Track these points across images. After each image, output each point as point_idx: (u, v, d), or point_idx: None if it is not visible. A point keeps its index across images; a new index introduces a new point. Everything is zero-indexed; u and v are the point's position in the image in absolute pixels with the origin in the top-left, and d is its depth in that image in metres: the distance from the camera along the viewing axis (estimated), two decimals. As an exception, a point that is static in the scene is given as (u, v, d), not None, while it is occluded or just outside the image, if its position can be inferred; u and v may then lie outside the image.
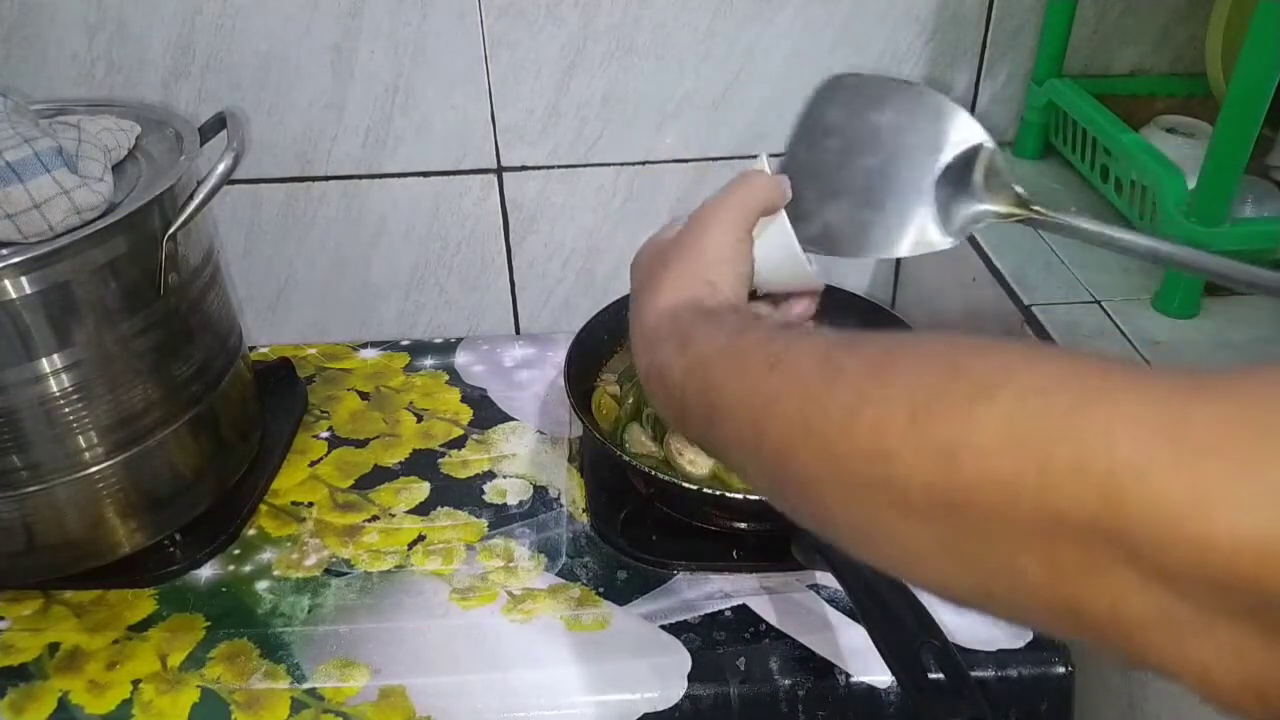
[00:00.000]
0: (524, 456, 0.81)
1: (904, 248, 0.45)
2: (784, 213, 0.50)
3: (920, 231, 0.44)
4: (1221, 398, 0.24)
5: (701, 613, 0.66)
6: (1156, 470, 0.23)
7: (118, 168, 0.64)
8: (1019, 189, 0.43)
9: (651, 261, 0.50)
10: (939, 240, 0.44)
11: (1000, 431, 0.27)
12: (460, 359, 0.93)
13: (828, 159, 0.47)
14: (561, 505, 0.75)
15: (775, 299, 0.56)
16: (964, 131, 0.44)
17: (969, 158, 0.43)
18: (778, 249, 0.51)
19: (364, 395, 0.89)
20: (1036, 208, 0.42)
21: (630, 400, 0.76)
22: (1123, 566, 0.24)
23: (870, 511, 0.31)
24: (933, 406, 0.29)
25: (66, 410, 0.60)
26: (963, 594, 0.30)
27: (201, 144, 0.68)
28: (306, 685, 0.61)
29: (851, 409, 0.31)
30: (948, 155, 0.43)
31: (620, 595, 0.67)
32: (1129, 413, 0.24)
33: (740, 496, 0.66)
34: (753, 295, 0.55)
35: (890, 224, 0.45)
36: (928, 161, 0.44)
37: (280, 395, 0.86)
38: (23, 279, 0.56)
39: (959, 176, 0.43)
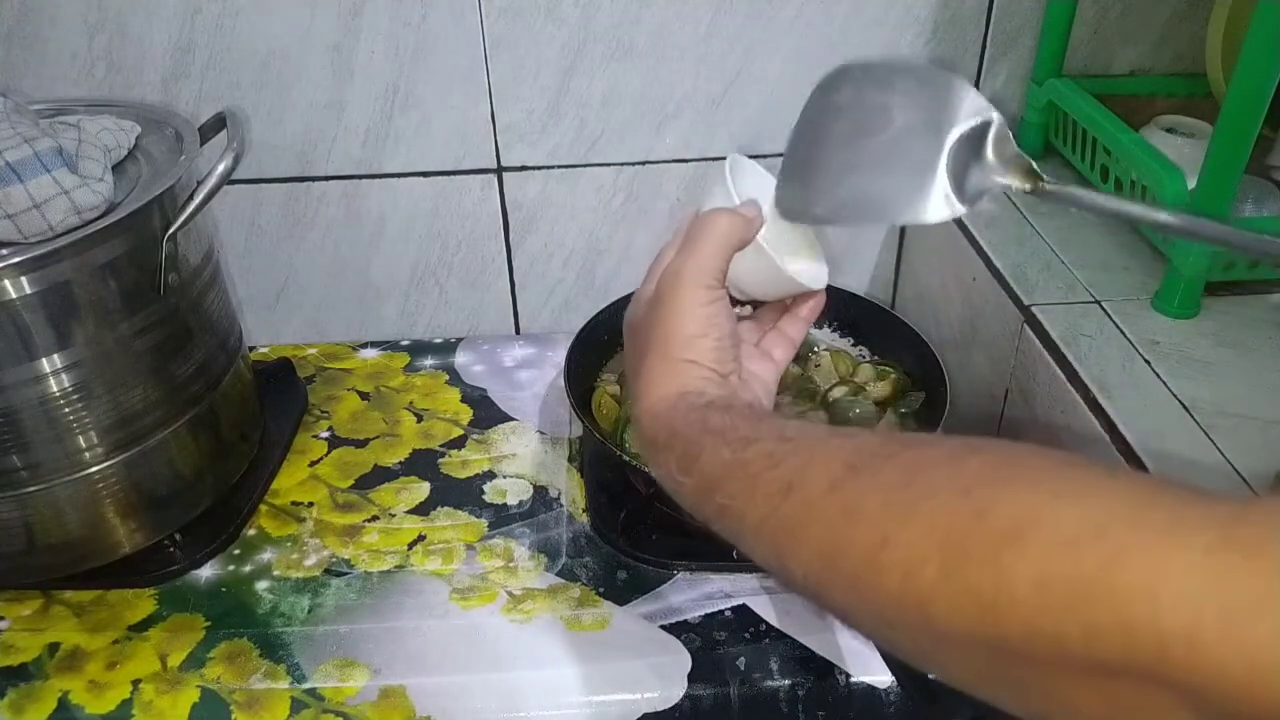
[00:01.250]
0: (524, 456, 0.81)
1: (916, 215, 0.45)
2: (761, 239, 0.49)
3: (933, 199, 0.44)
4: (1259, 549, 0.24)
5: (701, 613, 0.66)
6: (1209, 641, 0.23)
7: (118, 168, 0.64)
8: (1030, 162, 0.43)
9: (633, 343, 0.50)
10: (952, 207, 0.44)
11: (1034, 586, 0.26)
12: (460, 359, 0.93)
13: (837, 137, 0.47)
14: (561, 505, 0.75)
15: (783, 302, 0.55)
16: (973, 107, 0.44)
17: (979, 133, 0.43)
18: (764, 272, 0.50)
19: (364, 395, 0.89)
20: (1046, 180, 0.43)
21: (630, 400, 0.76)
22: (1183, 710, 0.24)
23: (912, 644, 0.32)
24: (962, 555, 0.28)
25: (66, 410, 0.60)
26: (1016, 712, 0.30)
27: (201, 144, 0.68)
28: (306, 685, 0.61)
29: (876, 550, 0.31)
30: (958, 130, 0.44)
31: (620, 595, 0.67)
32: (1169, 576, 0.24)
33: (740, 496, 0.66)
34: (756, 304, 0.55)
35: (902, 193, 0.45)
36: (938, 135, 0.44)
37: (280, 395, 0.86)
38: (23, 279, 0.56)
39: (970, 150, 0.44)
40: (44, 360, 0.58)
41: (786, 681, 0.61)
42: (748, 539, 0.38)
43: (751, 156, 0.55)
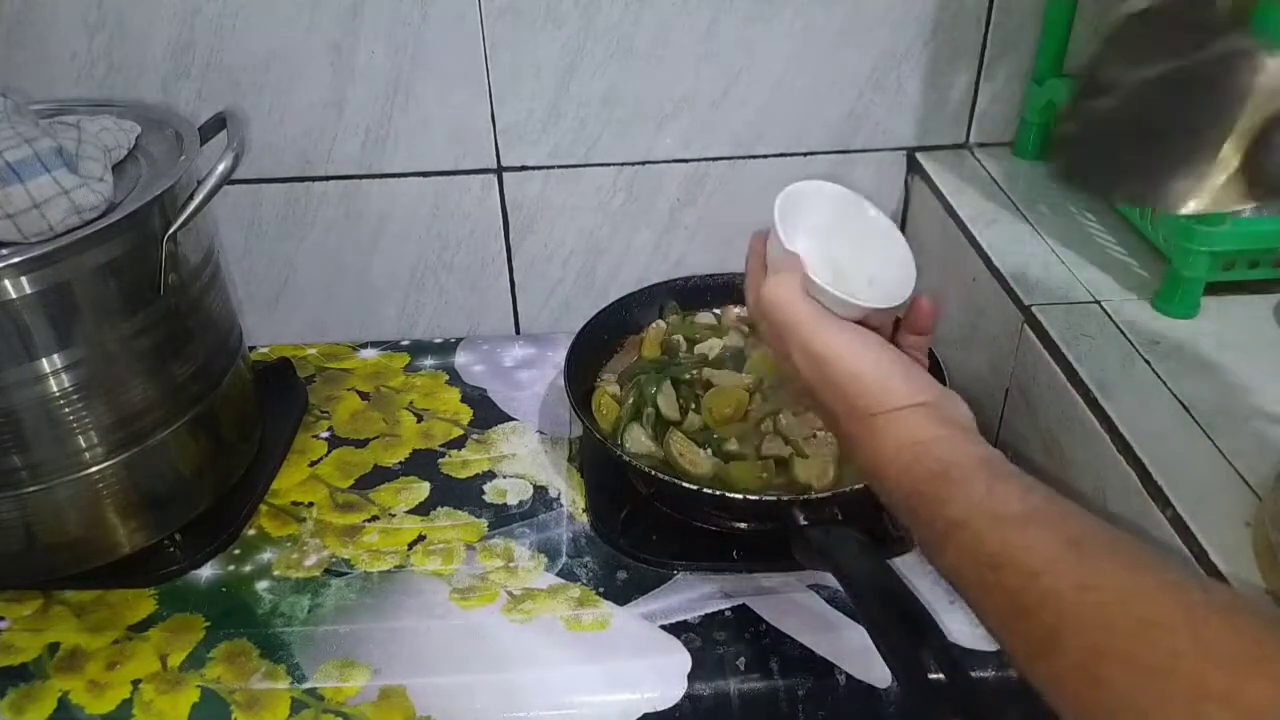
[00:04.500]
0: (524, 456, 0.81)
1: (1186, 204, 0.43)
2: (811, 274, 0.49)
3: (1212, 191, 0.42)
4: None
5: (701, 613, 0.66)
6: None
7: (118, 168, 0.64)
8: None
9: (820, 386, 0.49)
10: (1234, 204, 0.42)
11: None
12: (460, 359, 0.93)
13: (1120, 93, 0.44)
14: (561, 505, 0.75)
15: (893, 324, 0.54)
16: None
17: None
18: (831, 304, 0.50)
19: (364, 395, 0.89)
20: None
21: (630, 400, 0.76)
22: None
23: None
24: None
25: (66, 410, 0.60)
26: None
27: (201, 144, 0.68)
28: (306, 685, 0.61)
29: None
30: (1258, 118, 0.40)
31: (620, 595, 0.67)
32: None
33: (740, 497, 0.66)
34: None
35: (1179, 173, 0.42)
36: (1231, 118, 0.40)
37: (280, 395, 0.86)
38: (23, 279, 0.56)
39: (1270, 145, 0.40)
40: (44, 360, 0.58)
41: (786, 681, 0.61)
42: (1010, 657, 0.39)
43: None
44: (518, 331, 1.01)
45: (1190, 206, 0.42)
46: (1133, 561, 0.36)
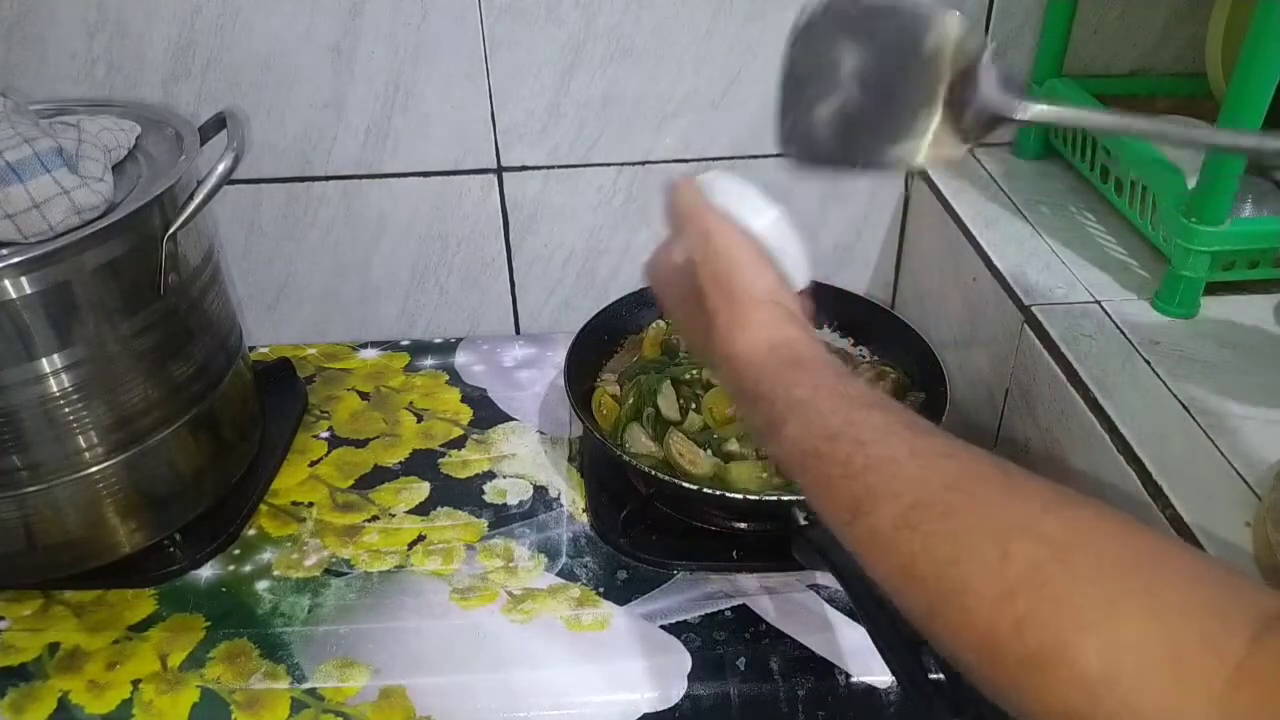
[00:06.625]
0: (524, 456, 0.81)
1: (915, 159, 0.46)
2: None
3: (931, 142, 0.45)
4: (1269, 699, 0.27)
5: (701, 613, 0.66)
6: None
7: (118, 168, 0.64)
8: (1025, 96, 0.43)
9: (676, 292, 0.52)
10: (952, 151, 0.45)
11: (1057, 714, 0.30)
12: (460, 359, 0.93)
13: (829, 83, 0.47)
14: (561, 505, 0.75)
15: None
16: (958, 38, 0.44)
17: (972, 66, 0.43)
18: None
19: (364, 395, 0.89)
20: (1038, 107, 0.43)
21: (630, 400, 0.76)
22: None
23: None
24: (992, 660, 0.32)
25: (66, 410, 0.60)
26: None
27: (201, 144, 0.68)
28: (306, 685, 0.61)
29: (928, 616, 0.35)
30: (949, 63, 0.44)
31: (620, 595, 0.67)
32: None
33: (740, 496, 0.66)
34: None
35: (901, 134, 0.46)
36: (928, 76, 0.44)
37: (280, 395, 0.86)
38: (23, 279, 0.56)
39: (964, 88, 0.44)
40: (44, 360, 0.58)
41: (786, 681, 0.61)
42: (828, 523, 0.41)
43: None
44: (518, 331, 1.01)
45: (917, 162, 0.46)
46: (960, 442, 0.39)
